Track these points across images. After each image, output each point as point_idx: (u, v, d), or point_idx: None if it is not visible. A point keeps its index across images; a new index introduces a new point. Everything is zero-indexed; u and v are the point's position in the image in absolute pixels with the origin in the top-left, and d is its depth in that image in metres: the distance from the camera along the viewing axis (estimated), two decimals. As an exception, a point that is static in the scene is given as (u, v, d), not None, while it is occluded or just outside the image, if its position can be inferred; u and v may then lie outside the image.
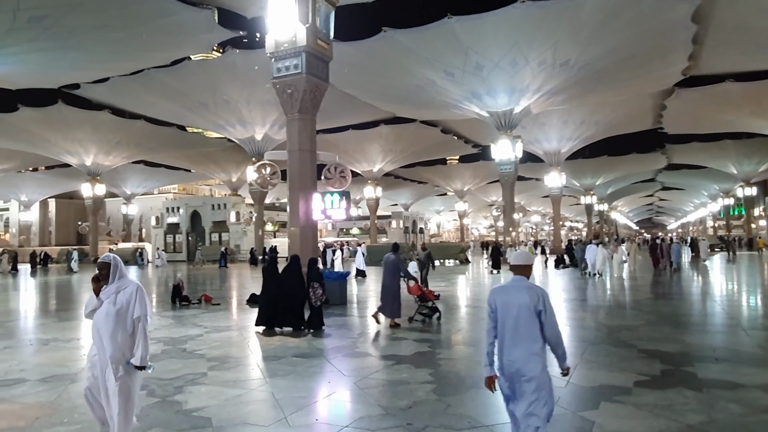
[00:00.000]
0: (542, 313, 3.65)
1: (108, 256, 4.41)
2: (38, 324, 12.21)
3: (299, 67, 13.99)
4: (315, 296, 10.42)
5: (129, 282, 4.37)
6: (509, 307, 3.69)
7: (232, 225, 48.33)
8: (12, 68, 24.90)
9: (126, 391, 4.18)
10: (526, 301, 3.65)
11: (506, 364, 3.66)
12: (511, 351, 3.64)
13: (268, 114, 35.38)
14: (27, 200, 64.25)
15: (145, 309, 4.31)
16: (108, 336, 4.19)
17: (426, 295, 11.33)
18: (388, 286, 10.83)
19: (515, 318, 3.65)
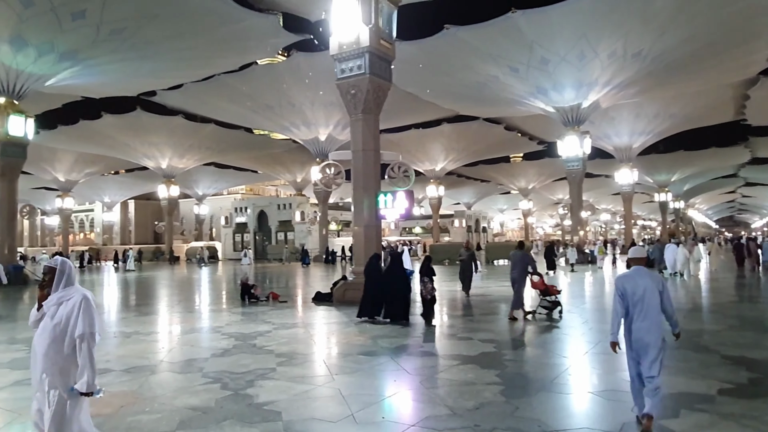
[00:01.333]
0: (662, 293, 4.77)
1: (56, 259, 3.78)
2: (120, 318, 12.98)
3: (362, 68, 14.13)
4: (426, 290, 10.98)
5: (74, 292, 3.67)
6: (636, 289, 4.77)
7: (297, 224, 49.49)
8: (96, 78, 26.64)
9: (59, 420, 3.57)
10: (650, 284, 4.76)
11: (635, 333, 4.73)
12: (639, 323, 4.73)
13: (331, 115, 35.99)
14: (109, 201, 68.59)
15: (92, 325, 3.60)
16: (41, 355, 3.59)
17: (549, 290, 11.52)
18: (516, 280, 11.31)
19: (641, 297, 4.73)
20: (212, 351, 8.52)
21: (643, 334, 4.67)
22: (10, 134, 23.43)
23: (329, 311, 13.15)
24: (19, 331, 10.96)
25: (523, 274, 11.32)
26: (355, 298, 14.03)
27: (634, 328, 4.73)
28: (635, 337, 4.72)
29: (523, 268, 11.34)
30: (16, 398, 6.11)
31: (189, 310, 14.46)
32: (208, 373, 7.03)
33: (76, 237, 74.62)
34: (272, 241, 50.17)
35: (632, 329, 4.74)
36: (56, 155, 48.31)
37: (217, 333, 10.28)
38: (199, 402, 5.81)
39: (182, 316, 13.32)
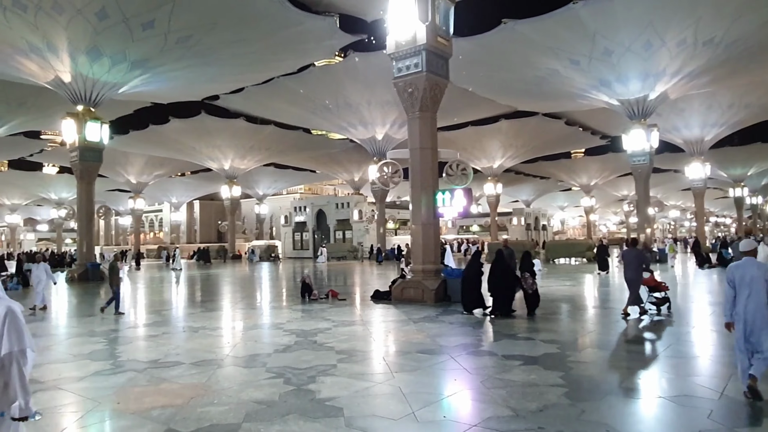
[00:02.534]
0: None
1: None
2: (187, 313, 13.54)
3: (419, 66, 14.10)
4: (527, 284, 11.61)
5: None
6: (744, 276, 5.56)
7: (354, 223, 50.00)
8: (164, 85, 27.92)
9: None
10: (756, 272, 5.53)
11: (745, 314, 5.48)
12: (747, 306, 5.49)
13: (388, 114, 36.13)
14: (176, 202, 71.84)
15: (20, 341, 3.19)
16: None
17: (658, 287, 11.55)
18: (632, 279, 11.33)
19: (749, 284, 5.50)
20: (275, 347, 8.75)
21: (752, 316, 5.43)
22: (88, 140, 24.91)
23: (387, 309, 13.21)
24: (98, 325, 11.66)
25: (638, 271, 11.32)
26: (414, 297, 14.08)
27: (743, 310, 5.48)
28: (746, 319, 5.46)
29: (638, 265, 11.38)
30: (97, 387, 6.50)
31: (251, 307, 14.90)
32: (271, 368, 7.22)
33: (146, 236, 78.52)
34: (330, 239, 50.93)
35: (742, 311, 5.49)
36: (128, 159, 51.11)
37: (278, 329, 10.54)
38: (264, 396, 5.97)
39: (245, 312, 13.73)
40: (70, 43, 21.79)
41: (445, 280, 14.31)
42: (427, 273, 14.45)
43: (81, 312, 14.94)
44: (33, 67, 23.40)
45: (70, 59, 22.69)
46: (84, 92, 24.43)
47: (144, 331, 11.00)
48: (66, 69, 23.26)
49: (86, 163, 25.39)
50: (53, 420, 5.53)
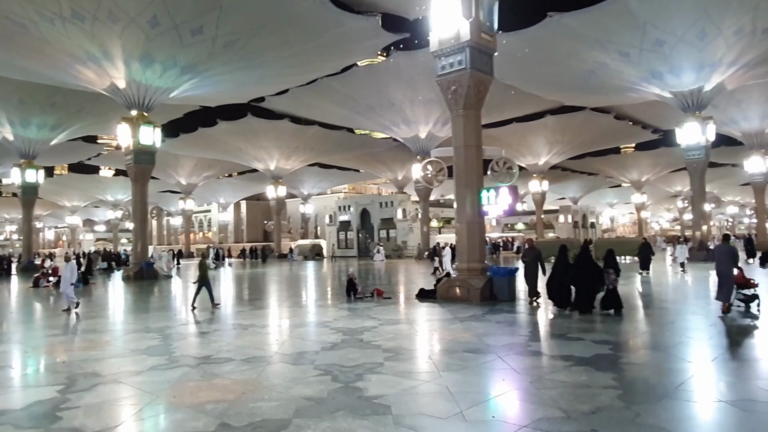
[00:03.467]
0: None
1: None
2: (237, 311, 13.87)
3: (463, 63, 13.97)
4: (609, 281, 11.52)
5: None
6: None
7: (398, 222, 50.05)
8: (212, 89, 28.70)
9: None
10: None
11: None
12: None
13: (431, 112, 36.00)
14: (224, 202, 73.80)
15: None
16: None
17: (747, 283, 11.44)
18: (724, 274, 11.28)
19: None
20: (322, 344, 8.86)
21: None
22: (141, 143, 25.88)
23: (433, 308, 13.16)
24: (153, 321, 12.10)
25: (730, 267, 11.24)
26: (459, 295, 13.98)
27: None
28: None
29: (729, 260, 11.30)
30: (153, 381, 6.74)
31: (298, 305, 15.14)
32: (319, 366, 7.32)
33: (196, 236, 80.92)
34: (375, 238, 51.14)
35: None
36: (179, 161, 52.88)
37: (325, 327, 10.67)
38: (313, 393, 6.06)
39: (292, 310, 13.97)
40: (125, 51, 22.68)
41: (491, 279, 14.14)
42: (473, 271, 14.31)
43: (137, 309, 15.54)
44: (90, 75, 24.48)
45: (125, 66, 23.62)
46: (137, 97, 25.38)
47: (196, 328, 11.34)
48: (121, 75, 24.23)
49: (140, 165, 26.38)
50: (114, 412, 5.78)
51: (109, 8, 20.18)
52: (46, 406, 5.82)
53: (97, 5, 19.98)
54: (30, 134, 34.33)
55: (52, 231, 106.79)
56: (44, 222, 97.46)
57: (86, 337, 10.51)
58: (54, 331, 11.37)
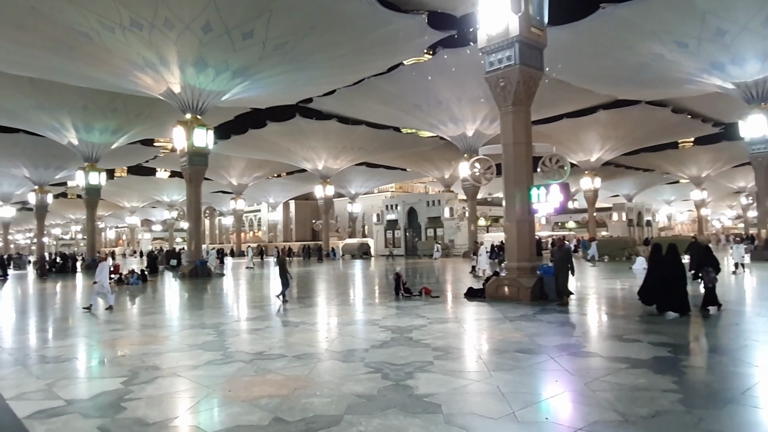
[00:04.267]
0: None
1: None
2: (288, 309, 14.12)
3: (512, 59, 13.75)
4: (707, 279, 11.49)
5: None
6: None
7: (446, 220, 49.79)
8: (262, 91, 29.36)
9: None
10: None
11: None
12: None
13: (478, 110, 35.60)
14: (273, 202, 75.36)
15: None
16: None
17: None
18: None
19: None
20: (371, 342, 8.91)
21: None
22: (195, 145, 26.76)
23: (482, 307, 13.03)
24: (208, 318, 12.48)
25: None
26: (509, 295, 13.78)
27: None
28: None
29: None
30: (210, 375, 6.96)
31: (346, 303, 15.28)
32: (369, 363, 7.37)
33: (246, 235, 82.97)
34: (422, 237, 51.06)
35: None
36: (230, 162, 54.38)
37: (374, 325, 10.72)
38: (363, 390, 6.10)
39: (341, 308, 14.12)
40: (180, 57, 23.49)
41: (541, 278, 13.87)
42: (523, 270, 14.07)
43: (192, 306, 16.08)
44: (148, 81, 25.49)
45: (180, 71, 24.46)
46: (191, 101, 26.24)
47: (248, 324, 11.62)
48: (176, 80, 25.12)
49: (194, 167, 27.27)
50: (174, 404, 6.01)
51: (166, 16, 20.95)
52: (111, 396, 6.11)
53: (154, 13, 20.78)
54: (93, 139, 36.12)
55: (113, 230, 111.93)
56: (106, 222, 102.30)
57: (146, 332, 10.95)
58: (116, 326, 11.90)
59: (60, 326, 12.37)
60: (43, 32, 21.69)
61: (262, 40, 23.14)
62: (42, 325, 12.34)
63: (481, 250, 23.03)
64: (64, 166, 45.14)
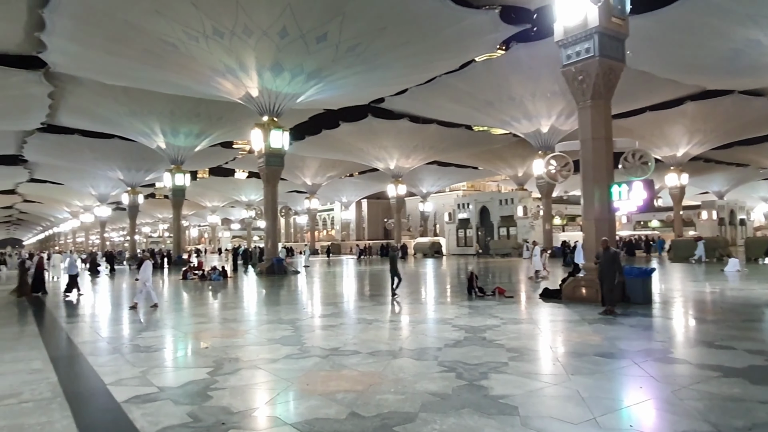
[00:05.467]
0: None
1: None
2: (359, 306, 14.35)
3: (591, 51, 13.21)
4: None
5: None
6: None
7: (519, 219, 48.69)
8: (335, 92, 29.94)
9: None
10: None
11: None
12: None
13: (553, 105, 34.52)
14: (346, 201, 76.65)
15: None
16: None
17: None
18: None
19: None
20: (444, 341, 8.88)
21: None
22: (272, 146, 27.74)
23: (558, 308, 12.64)
24: (284, 313, 12.91)
25: None
26: (587, 296, 13.29)
27: None
28: None
29: None
30: (288, 369, 7.20)
31: (418, 302, 15.31)
32: (443, 362, 7.35)
33: (320, 234, 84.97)
34: (494, 236, 50.21)
35: None
36: (305, 162, 55.86)
37: (447, 324, 10.68)
38: (437, 388, 6.10)
39: (413, 307, 14.16)
40: (258, 62, 24.42)
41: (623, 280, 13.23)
42: (602, 271, 13.49)
43: (269, 302, 16.69)
44: (228, 86, 26.69)
45: (258, 76, 25.43)
46: (268, 104, 27.22)
47: (323, 321, 11.91)
48: (254, 85, 26.13)
49: (271, 167, 28.28)
50: (255, 394, 6.28)
51: (245, 23, 21.84)
52: (199, 385, 6.46)
53: (234, 21, 21.72)
54: (179, 142, 38.33)
55: (196, 229, 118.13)
56: (189, 221, 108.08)
57: (227, 325, 11.50)
58: (201, 319, 12.58)
59: (150, 318, 13.23)
60: (135, 44, 23.25)
61: (335, 43, 23.59)
62: (134, 317, 13.26)
63: (536, 250, 22.32)
64: (153, 168, 48.27)
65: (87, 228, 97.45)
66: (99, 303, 17.26)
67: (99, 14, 20.97)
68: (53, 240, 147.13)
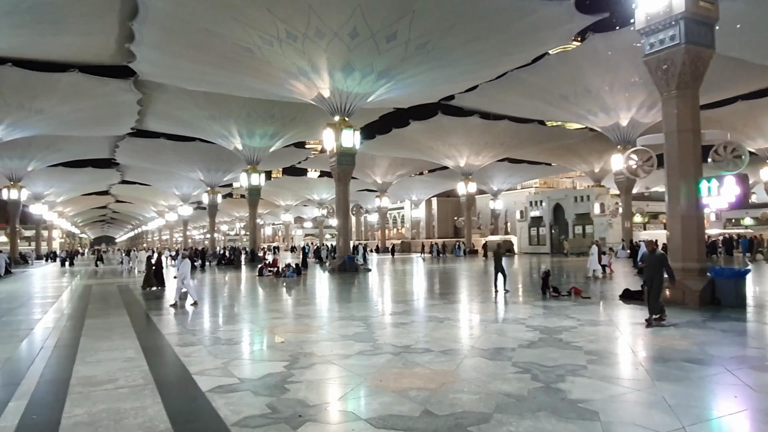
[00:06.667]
0: None
1: None
2: (430, 304, 14.30)
3: (676, 38, 12.45)
4: None
5: None
6: None
7: (596, 217, 46.77)
8: (405, 90, 30.01)
9: None
10: None
11: None
12: None
13: (633, 97, 32.85)
14: (416, 200, 76.65)
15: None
16: None
17: None
18: None
19: None
20: (518, 342, 8.68)
21: None
22: (343, 146, 28.21)
23: (641, 311, 11.97)
24: (356, 310, 13.09)
25: None
26: (672, 298, 12.56)
27: None
28: None
29: None
30: (361, 365, 7.30)
31: (490, 301, 15.05)
32: (517, 363, 7.19)
33: (390, 232, 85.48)
34: (569, 234, 48.53)
35: None
36: (375, 161, 56.39)
37: (520, 324, 10.43)
38: (512, 390, 5.97)
39: (485, 305, 13.94)
40: (329, 63, 24.91)
41: (712, 281, 12.42)
42: (689, 272, 12.71)
43: (341, 299, 16.99)
44: (301, 88, 27.41)
45: (329, 77, 25.94)
46: (339, 104, 27.70)
47: (394, 318, 11.96)
48: (326, 86, 26.69)
49: (342, 166, 28.77)
50: (330, 389, 6.42)
51: (317, 26, 22.33)
52: (276, 378, 6.68)
53: (306, 25, 22.26)
54: (254, 143, 39.86)
55: (270, 227, 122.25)
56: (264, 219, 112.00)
57: (302, 321, 11.81)
58: (276, 314, 13.00)
59: (229, 312, 13.83)
60: (214, 51, 24.39)
61: (405, 41, 23.63)
62: (212, 311, 13.86)
63: (593, 250, 21.26)
64: (231, 169, 50.48)
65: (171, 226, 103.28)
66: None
67: (182, 24, 22.18)
68: (141, 237, 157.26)
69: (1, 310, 14.65)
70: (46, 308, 14.76)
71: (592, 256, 21.08)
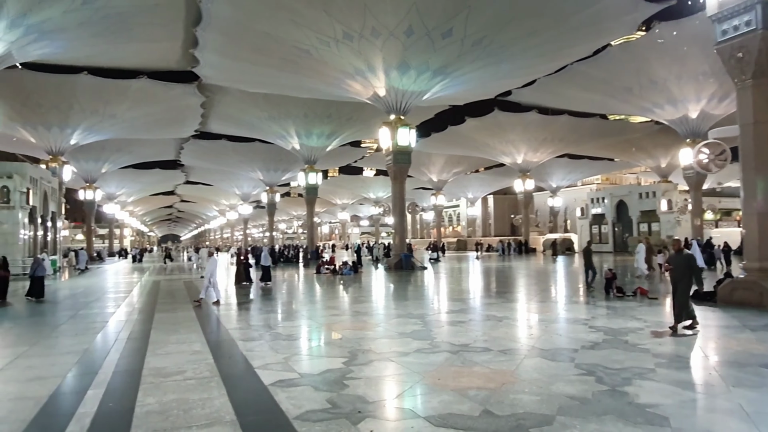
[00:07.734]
0: None
1: None
2: (488, 303, 14.10)
3: (752, 23, 11.72)
4: None
5: None
6: None
7: (662, 214, 44.77)
8: (460, 88, 29.71)
9: None
10: None
11: None
12: None
13: (703, 88, 31.14)
14: (472, 197, 75.85)
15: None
16: None
17: None
18: None
19: None
20: (581, 343, 8.43)
21: None
22: (399, 144, 28.26)
23: (712, 312, 11.42)
24: (413, 308, 13.09)
25: None
26: (747, 299, 11.89)
27: None
28: None
29: None
30: (419, 363, 7.29)
31: (550, 300, 14.70)
32: (580, 365, 6.98)
33: (446, 230, 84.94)
34: (633, 232, 46.68)
35: None
36: (430, 159, 56.20)
37: (583, 325, 10.13)
38: (575, 392, 5.80)
39: (544, 305, 13.62)
40: (385, 62, 25.01)
41: (793, 282, 11.62)
42: (767, 272, 11.95)
43: (398, 296, 17.04)
44: (357, 87, 27.67)
45: (385, 75, 26.04)
46: (395, 103, 27.77)
47: (451, 317, 11.88)
48: (381, 84, 26.81)
49: (398, 165, 28.82)
50: (389, 386, 6.45)
51: (372, 25, 22.47)
52: (335, 374, 6.78)
53: (362, 24, 22.44)
54: (312, 143, 40.59)
55: (327, 225, 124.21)
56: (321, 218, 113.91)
57: (359, 318, 11.93)
58: (334, 311, 13.20)
59: (288, 309, 14.14)
60: (274, 53, 25.02)
61: (461, 38, 23.40)
62: (272, 307, 14.21)
63: (639, 248, 20.17)
64: (289, 168, 51.66)
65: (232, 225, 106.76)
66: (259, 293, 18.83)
67: (242, 28, 22.86)
68: (204, 236, 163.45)
69: (79, 303, 15.62)
70: (119, 302, 15.60)
71: (638, 254, 20.20)
